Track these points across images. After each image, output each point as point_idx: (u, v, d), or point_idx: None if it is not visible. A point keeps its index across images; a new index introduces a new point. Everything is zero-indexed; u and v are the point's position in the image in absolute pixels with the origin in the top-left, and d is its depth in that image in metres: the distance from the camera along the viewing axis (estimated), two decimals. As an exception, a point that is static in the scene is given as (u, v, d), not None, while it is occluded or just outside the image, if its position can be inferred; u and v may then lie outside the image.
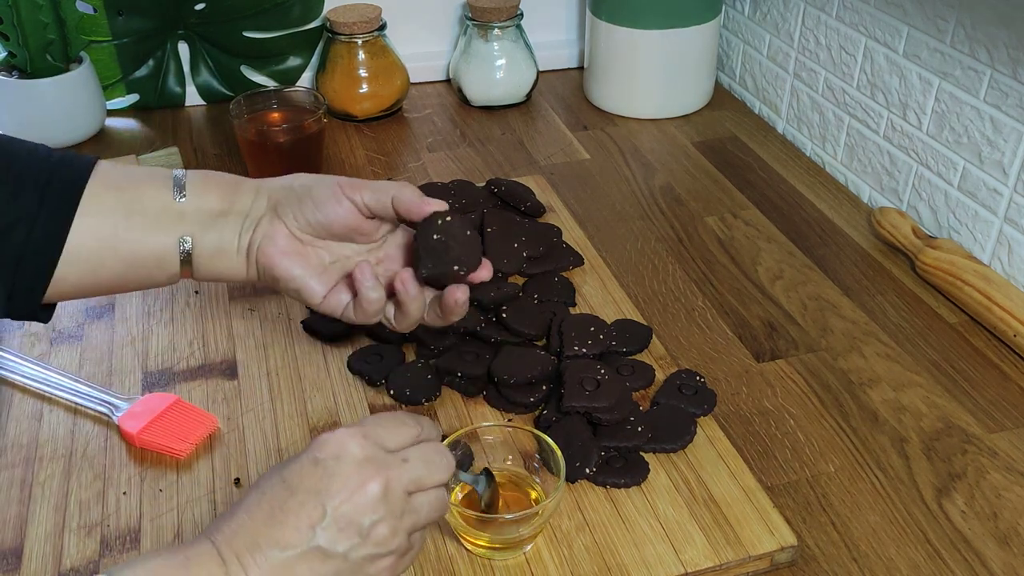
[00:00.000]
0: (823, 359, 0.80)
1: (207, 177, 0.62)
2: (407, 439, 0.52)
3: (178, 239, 0.60)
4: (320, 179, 0.62)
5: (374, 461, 0.49)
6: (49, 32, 1.05)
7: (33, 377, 0.75)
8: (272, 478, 0.49)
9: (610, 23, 1.16)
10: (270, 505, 0.47)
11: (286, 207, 0.61)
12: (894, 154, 0.99)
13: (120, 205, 0.59)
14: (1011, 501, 0.67)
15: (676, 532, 0.63)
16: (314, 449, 0.49)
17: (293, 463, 0.49)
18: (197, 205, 0.61)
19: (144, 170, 0.62)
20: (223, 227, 0.61)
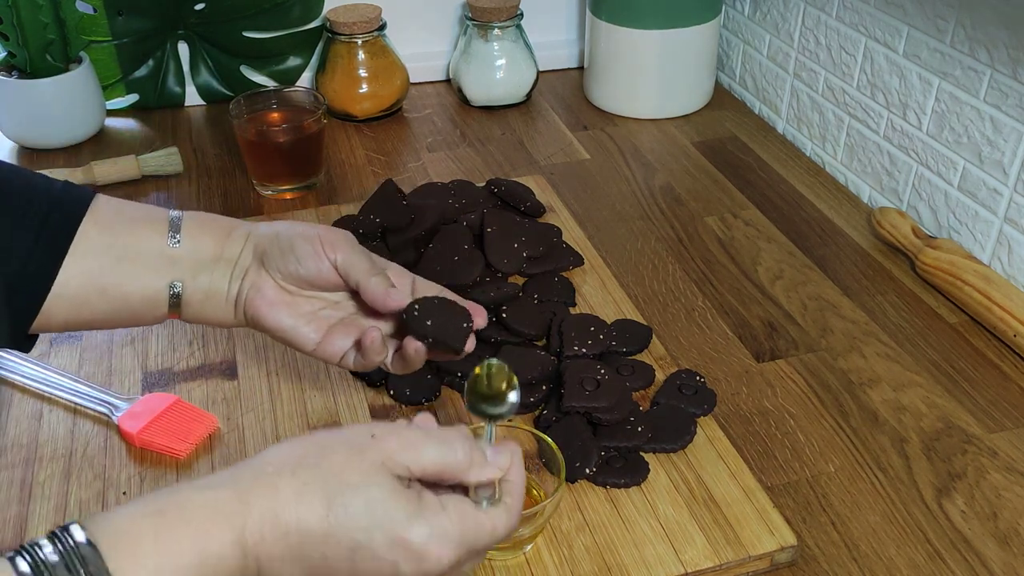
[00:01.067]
0: (823, 359, 0.80)
1: (202, 221, 0.61)
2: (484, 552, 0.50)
3: (168, 284, 0.60)
4: (304, 233, 0.60)
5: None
6: (49, 32, 1.05)
7: (33, 377, 0.75)
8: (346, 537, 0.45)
9: (610, 23, 1.16)
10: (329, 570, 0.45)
11: (271, 259, 0.60)
12: (894, 154, 0.99)
13: (113, 248, 0.58)
14: (1011, 501, 0.67)
15: (676, 532, 0.63)
16: (408, 559, 0.46)
17: (378, 549, 0.45)
18: (190, 249, 0.60)
19: (141, 209, 0.61)
20: (213, 273, 0.61)
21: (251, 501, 0.44)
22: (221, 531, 0.42)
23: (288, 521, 0.44)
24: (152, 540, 0.41)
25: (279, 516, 0.44)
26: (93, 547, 0.39)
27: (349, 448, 0.46)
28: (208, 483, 0.44)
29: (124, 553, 0.40)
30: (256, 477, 0.45)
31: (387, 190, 0.91)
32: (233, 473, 0.45)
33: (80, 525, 0.40)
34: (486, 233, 0.87)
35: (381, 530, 0.45)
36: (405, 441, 0.47)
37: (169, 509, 0.42)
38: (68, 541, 0.39)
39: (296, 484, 0.44)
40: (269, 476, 0.45)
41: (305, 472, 0.45)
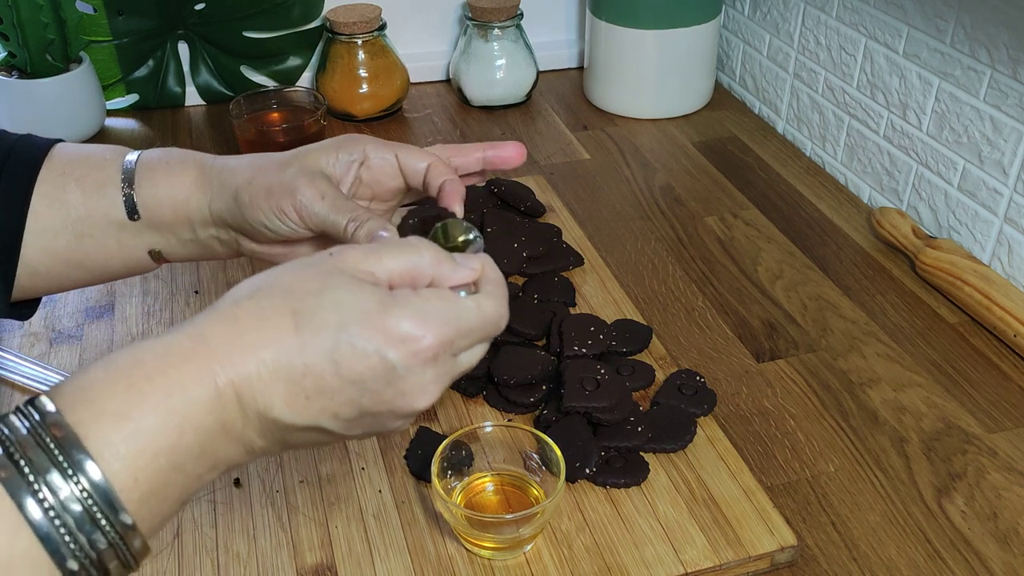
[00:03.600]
0: (823, 359, 0.80)
1: (156, 183, 0.58)
2: (476, 339, 0.46)
3: (146, 249, 0.59)
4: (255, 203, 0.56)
5: (441, 379, 0.44)
6: (49, 32, 1.05)
7: (33, 377, 0.75)
8: (322, 339, 0.41)
9: (610, 23, 1.16)
10: (315, 378, 0.41)
11: (241, 231, 0.58)
12: (894, 154, 0.99)
13: (69, 225, 0.57)
14: (1011, 501, 0.67)
15: (676, 532, 0.63)
16: (390, 343, 0.42)
17: (357, 341, 0.41)
18: (151, 221, 0.58)
19: (90, 168, 0.58)
20: (189, 232, 0.59)
21: (209, 336, 0.41)
22: (181, 369, 0.40)
23: (256, 342, 0.41)
24: (106, 389, 0.39)
25: (244, 340, 0.41)
26: (59, 413, 0.38)
27: (304, 265, 0.44)
28: (160, 334, 0.42)
29: (81, 405, 0.38)
30: (211, 314, 0.42)
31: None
32: (187, 320, 0.42)
33: (48, 396, 0.38)
34: (486, 233, 0.87)
35: (356, 322, 0.42)
36: (365, 250, 0.45)
37: (121, 360, 0.40)
38: (33, 414, 0.38)
39: (254, 308, 0.42)
40: (225, 310, 0.42)
41: (261, 296, 0.42)
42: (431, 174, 0.59)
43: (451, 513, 0.60)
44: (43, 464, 0.36)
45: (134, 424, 0.38)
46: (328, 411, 0.42)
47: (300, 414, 0.42)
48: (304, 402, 0.42)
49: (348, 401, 0.42)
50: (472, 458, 0.65)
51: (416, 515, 0.64)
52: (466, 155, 0.62)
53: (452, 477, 0.64)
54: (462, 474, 0.64)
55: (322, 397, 0.42)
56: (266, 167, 0.57)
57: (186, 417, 0.39)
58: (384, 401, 0.43)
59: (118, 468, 0.37)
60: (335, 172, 0.58)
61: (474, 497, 0.64)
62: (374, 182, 0.60)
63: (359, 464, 0.68)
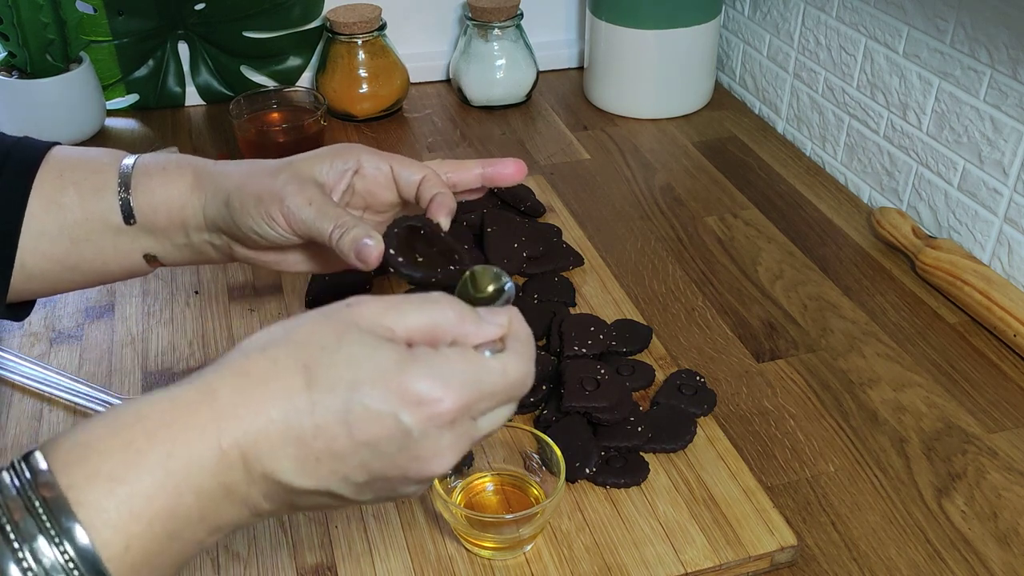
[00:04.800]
0: (823, 359, 0.80)
1: (153, 191, 0.58)
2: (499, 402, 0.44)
3: (142, 254, 0.59)
4: (245, 210, 0.56)
5: (459, 444, 0.42)
6: (49, 32, 1.05)
7: (33, 377, 0.75)
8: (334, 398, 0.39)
9: (610, 23, 1.16)
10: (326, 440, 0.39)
11: (233, 236, 0.58)
12: (894, 154, 0.99)
13: (65, 230, 0.57)
14: (1011, 501, 0.67)
15: (676, 532, 0.63)
16: (406, 405, 0.40)
17: (371, 402, 0.39)
18: (147, 226, 0.58)
19: (86, 173, 0.58)
20: (183, 238, 0.59)
21: (216, 390, 0.39)
22: (184, 427, 0.38)
23: (264, 399, 0.39)
24: (104, 447, 0.37)
25: (253, 397, 0.39)
26: (51, 473, 0.36)
27: (320, 317, 0.42)
28: (167, 387, 0.40)
29: (76, 466, 0.36)
30: (219, 367, 0.40)
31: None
32: (195, 373, 0.40)
33: (40, 451, 0.37)
34: (486, 233, 0.87)
35: (370, 382, 0.39)
36: (384, 304, 0.42)
37: (122, 415, 0.38)
38: (24, 472, 0.36)
39: (266, 362, 0.40)
40: (234, 363, 0.40)
41: (274, 349, 0.40)
42: (424, 187, 0.58)
43: (451, 513, 0.60)
44: (29, 529, 0.35)
45: (129, 488, 0.36)
46: (339, 474, 0.40)
47: (309, 477, 0.39)
48: (314, 465, 0.39)
49: (359, 465, 0.40)
50: (472, 458, 0.65)
51: (416, 515, 0.64)
52: (465, 171, 0.61)
53: (452, 477, 0.64)
54: (462, 474, 0.64)
55: (333, 460, 0.39)
56: (258, 173, 0.57)
57: (186, 479, 0.37)
58: (397, 466, 0.40)
59: (108, 536, 0.36)
60: (328, 180, 0.58)
61: (474, 497, 0.64)
62: (367, 192, 0.60)
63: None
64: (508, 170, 0.61)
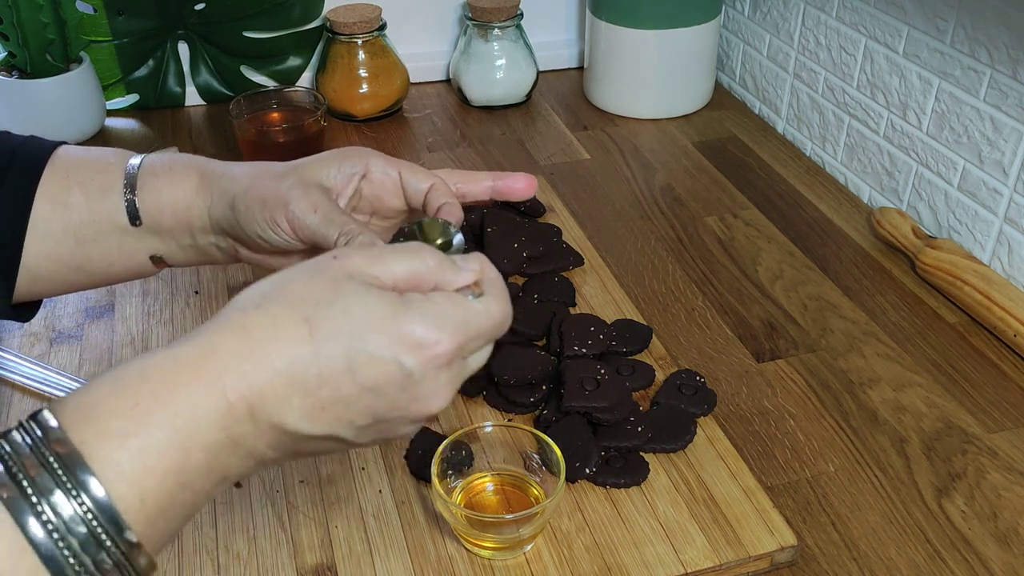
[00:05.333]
0: (823, 359, 0.80)
1: (159, 191, 0.58)
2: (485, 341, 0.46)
3: (147, 255, 0.59)
4: (250, 215, 0.56)
5: (454, 382, 0.44)
6: (49, 32, 1.05)
7: (33, 377, 0.75)
8: (337, 347, 0.41)
9: (610, 23, 1.16)
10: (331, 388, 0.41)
11: (237, 239, 0.58)
12: (894, 154, 0.99)
13: (70, 229, 0.57)
14: (1011, 501, 0.67)
15: (676, 532, 0.63)
16: (406, 349, 0.41)
17: (374, 349, 0.41)
18: (153, 227, 0.58)
19: (92, 172, 0.58)
20: (188, 239, 0.59)
21: (218, 347, 0.40)
22: (190, 383, 0.39)
23: (269, 354, 0.40)
24: (112, 406, 0.38)
25: (257, 352, 0.40)
26: (62, 429, 0.37)
27: (310, 271, 0.43)
28: (166, 346, 0.41)
29: (85, 424, 0.37)
30: (218, 324, 0.41)
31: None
32: (193, 331, 0.41)
33: (49, 410, 0.37)
34: (486, 233, 0.87)
35: (371, 330, 0.41)
36: (370, 255, 0.44)
37: (127, 375, 0.39)
38: (35, 430, 0.37)
39: (264, 317, 0.41)
40: (233, 319, 0.41)
41: (271, 304, 0.41)
42: (432, 195, 0.59)
43: (451, 513, 0.60)
44: (46, 483, 0.36)
45: (139, 443, 0.37)
46: (344, 419, 0.42)
47: (316, 424, 0.41)
48: (320, 411, 0.41)
49: (364, 408, 0.42)
50: (472, 458, 0.65)
51: (416, 515, 0.64)
52: (475, 183, 0.61)
53: (452, 477, 0.64)
54: (462, 474, 0.64)
55: (338, 405, 0.41)
56: (265, 177, 0.57)
57: (194, 434, 0.38)
58: (399, 407, 0.42)
59: (123, 489, 0.37)
60: (335, 184, 0.58)
61: (474, 497, 0.64)
62: (375, 197, 0.60)
63: (359, 464, 0.68)
64: (519, 185, 0.61)
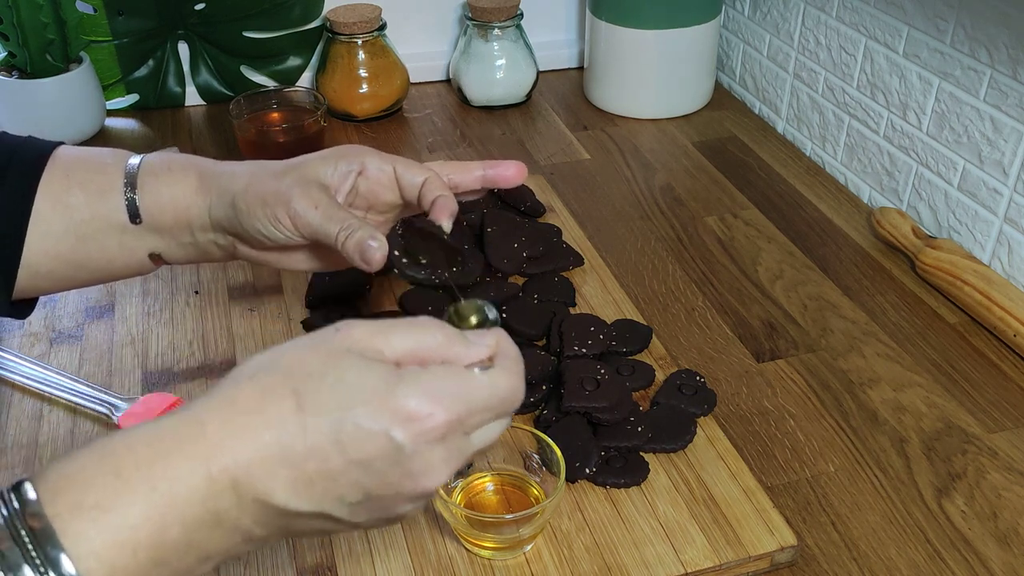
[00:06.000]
0: (823, 359, 0.80)
1: (159, 191, 0.58)
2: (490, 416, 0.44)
3: (147, 252, 0.60)
4: (251, 211, 0.57)
5: (452, 460, 0.42)
6: (49, 32, 1.05)
7: (33, 377, 0.75)
8: (325, 420, 0.39)
9: (610, 23, 1.16)
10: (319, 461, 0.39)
11: (238, 236, 0.59)
12: (894, 154, 0.99)
13: (71, 227, 0.57)
14: (1011, 501, 0.67)
15: (676, 532, 0.63)
16: (397, 422, 0.40)
17: (363, 421, 0.39)
18: (153, 225, 0.59)
19: (92, 170, 0.58)
20: (188, 237, 0.60)
21: (205, 419, 0.39)
22: (171, 457, 0.38)
23: (256, 425, 0.39)
24: (91, 479, 0.37)
25: (243, 424, 0.39)
26: (39, 503, 0.36)
27: (310, 342, 0.42)
28: (156, 418, 0.40)
29: (61, 497, 0.36)
30: (209, 397, 0.40)
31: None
32: (186, 404, 0.40)
33: (30, 481, 0.37)
34: (486, 233, 0.87)
35: (361, 401, 0.39)
36: (372, 327, 0.42)
37: (111, 446, 0.38)
38: (13, 503, 0.36)
39: (255, 389, 0.40)
40: (223, 392, 0.40)
41: (263, 376, 0.40)
42: (426, 189, 0.59)
43: (451, 513, 0.60)
44: (15, 560, 0.35)
45: (114, 517, 0.36)
46: (332, 495, 0.40)
47: (303, 499, 0.39)
48: (307, 486, 0.39)
49: (353, 483, 0.40)
50: (472, 458, 0.64)
51: (416, 515, 0.64)
52: (466, 172, 0.62)
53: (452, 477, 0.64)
54: (462, 474, 0.64)
55: (326, 480, 0.39)
56: (264, 175, 0.58)
57: (171, 508, 0.37)
58: (390, 483, 0.40)
59: (92, 565, 0.36)
60: (332, 181, 0.59)
61: (474, 497, 0.65)
62: (370, 193, 0.61)
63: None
64: (509, 172, 0.62)
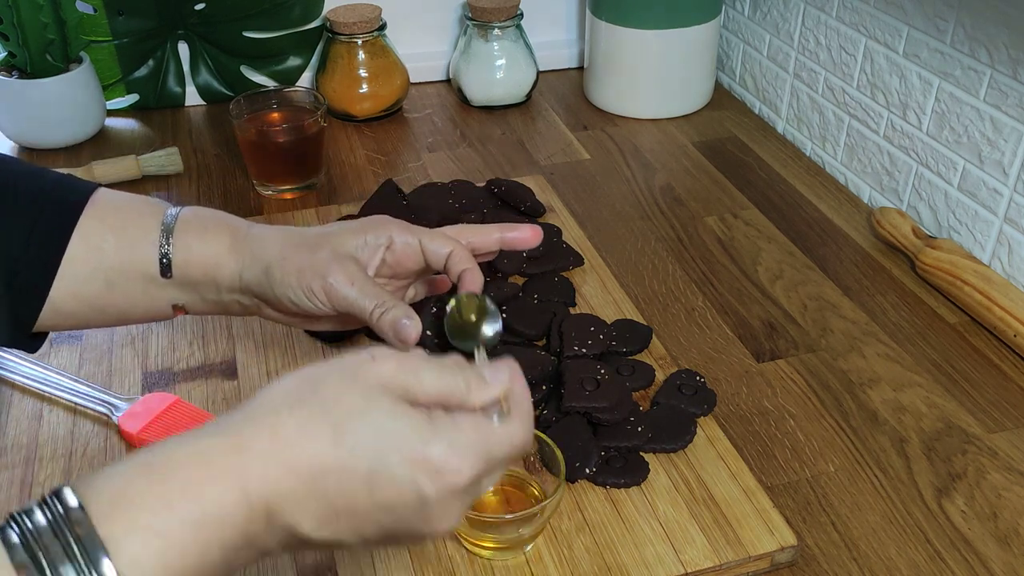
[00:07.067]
0: (823, 359, 0.80)
1: (189, 256, 0.59)
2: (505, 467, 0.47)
3: (169, 303, 0.61)
4: (286, 281, 0.58)
5: (466, 505, 0.45)
6: (49, 32, 1.05)
7: (33, 377, 0.75)
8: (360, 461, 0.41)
9: (610, 23, 1.16)
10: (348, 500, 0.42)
11: (267, 300, 0.60)
12: (894, 154, 0.99)
13: (99, 272, 0.58)
14: (1011, 501, 0.67)
15: (676, 532, 0.63)
16: (427, 475, 0.42)
17: (396, 470, 0.42)
18: (183, 279, 0.60)
19: (130, 218, 0.59)
20: (214, 294, 0.61)
21: (247, 446, 0.41)
22: (217, 482, 0.39)
23: (294, 458, 0.41)
24: (142, 498, 0.38)
25: (283, 456, 0.41)
26: (83, 511, 0.37)
27: (343, 375, 0.44)
28: (197, 433, 0.41)
29: (115, 515, 0.37)
30: (250, 420, 0.42)
31: (387, 190, 0.91)
32: (224, 421, 0.42)
33: (71, 488, 0.38)
34: (486, 233, 0.86)
35: (396, 450, 0.42)
36: (403, 364, 0.45)
37: (157, 463, 0.39)
38: (57, 507, 0.37)
39: (295, 421, 0.42)
40: (264, 417, 0.42)
41: (303, 408, 0.42)
42: (452, 261, 0.61)
43: (451, 513, 0.60)
44: (61, 562, 0.36)
45: (165, 542, 0.38)
46: (355, 530, 0.43)
47: (327, 530, 0.42)
48: (334, 519, 0.42)
49: (375, 523, 0.43)
50: (472, 458, 0.65)
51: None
52: (485, 236, 0.64)
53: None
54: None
55: (352, 517, 0.42)
56: (299, 245, 0.59)
57: (216, 533, 0.39)
58: (410, 527, 0.43)
59: None
60: (363, 255, 0.60)
61: (474, 497, 0.64)
62: (396, 264, 0.62)
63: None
64: (526, 235, 0.64)
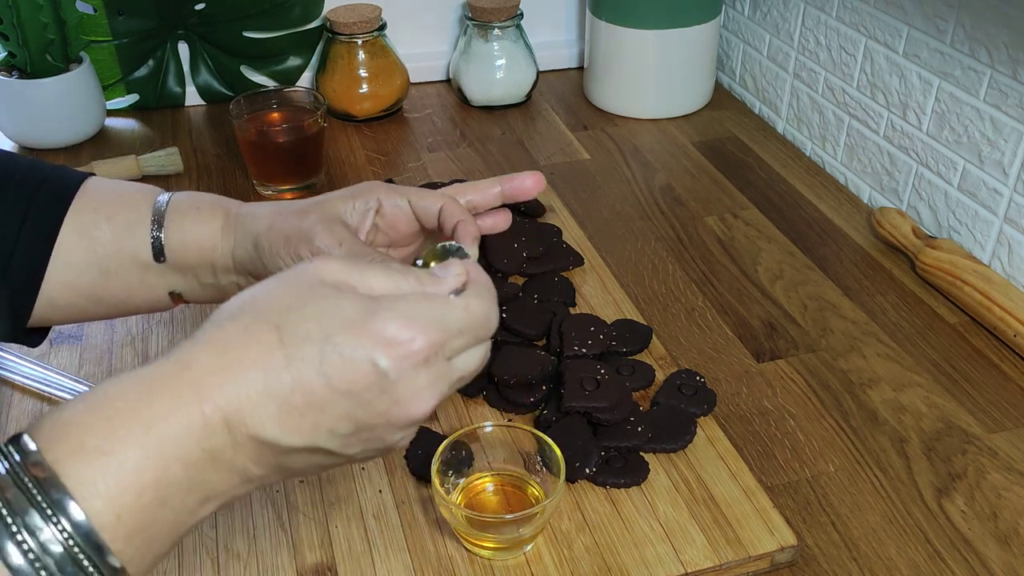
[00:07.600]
0: (823, 359, 0.80)
1: (184, 230, 0.58)
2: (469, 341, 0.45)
3: (166, 291, 0.60)
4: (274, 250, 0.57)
5: (437, 385, 0.43)
6: (49, 32, 1.05)
7: (33, 377, 0.75)
8: (308, 350, 0.40)
9: (610, 23, 1.16)
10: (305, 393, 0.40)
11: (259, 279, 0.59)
12: (894, 154, 0.99)
13: (94, 261, 0.57)
14: (1011, 501, 0.67)
15: (676, 532, 0.63)
16: (379, 348, 0.40)
17: (345, 350, 0.40)
18: (177, 263, 0.59)
19: (120, 206, 0.59)
20: (210, 277, 0.60)
21: (192, 362, 0.40)
22: (163, 398, 0.39)
23: (240, 363, 0.40)
24: (84, 423, 0.37)
25: (229, 363, 0.40)
26: (40, 453, 0.36)
27: (282, 279, 0.43)
28: (145, 364, 0.41)
29: (59, 443, 0.37)
30: (192, 340, 0.41)
31: (387, 190, 0.91)
32: (171, 348, 0.41)
33: (29, 434, 0.37)
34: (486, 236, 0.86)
35: (341, 330, 0.40)
36: (347, 263, 0.43)
37: (100, 393, 0.39)
38: (14, 456, 0.37)
39: (236, 329, 0.41)
40: (207, 333, 0.41)
41: (243, 315, 0.41)
42: (444, 215, 0.59)
43: (451, 513, 0.60)
44: (22, 506, 0.35)
45: (115, 459, 0.37)
46: (323, 427, 0.41)
47: (295, 433, 0.40)
48: (297, 420, 0.40)
49: (342, 414, 0.41)
50: (472, 458, 0.65)
51: (416, 515, 0.64)
52: (484, 191, 0.61)
53: (452, 477, 0.64)
54: (462, 474, 0.64)
55: (314, 412, 0.40)
56: (286, 214, 0.58)
57: (170, 448, 0.38)
58: (379, 412, 0.41)
59: (99, 507, 0.36)
60: (352, 220, 0.59)
61: (474, 497, 0.65)
62: (390, 228, 0.61)
63: (359, 464, 0.68)
64: (527, 183, 0.61)
